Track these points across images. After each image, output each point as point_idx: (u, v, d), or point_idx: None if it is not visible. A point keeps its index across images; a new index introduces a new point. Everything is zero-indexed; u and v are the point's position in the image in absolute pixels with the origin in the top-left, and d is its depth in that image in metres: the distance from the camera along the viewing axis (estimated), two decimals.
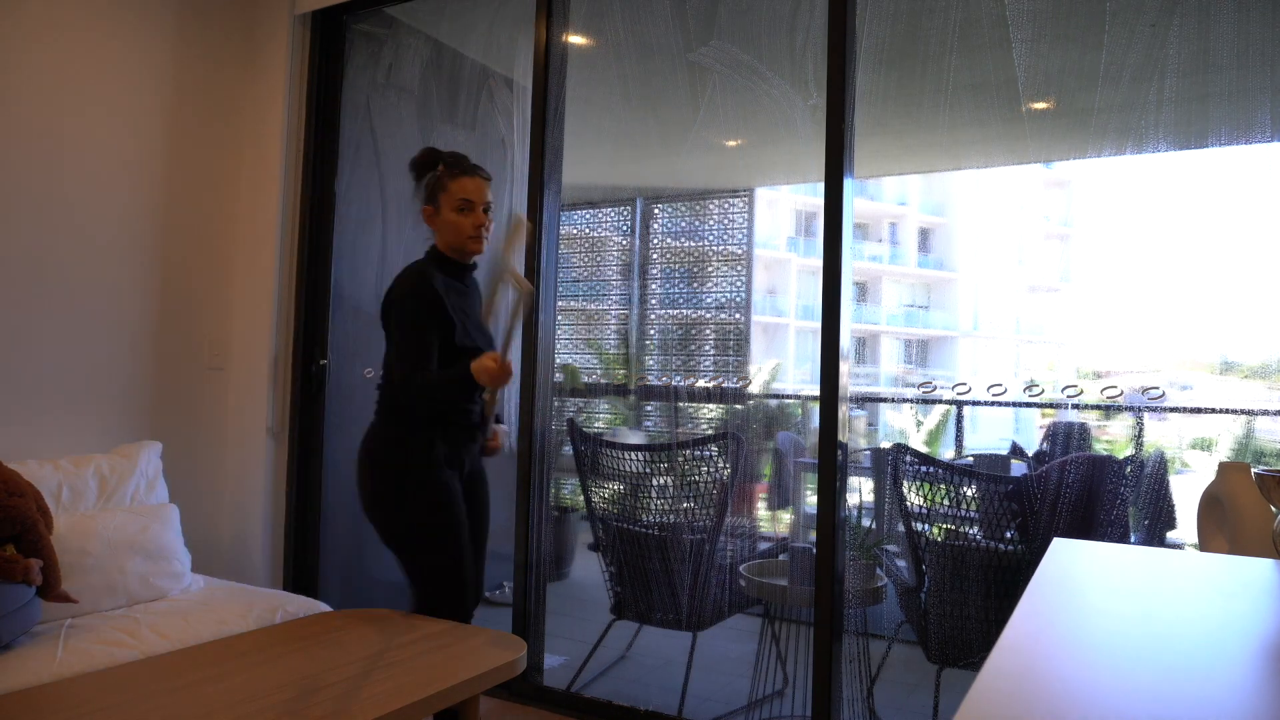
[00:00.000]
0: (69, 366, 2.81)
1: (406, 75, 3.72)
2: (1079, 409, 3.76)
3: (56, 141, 2.77)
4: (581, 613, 3.82)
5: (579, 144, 3.38)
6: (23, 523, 2.10)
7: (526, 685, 2.87)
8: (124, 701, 1.63)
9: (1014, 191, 17.67)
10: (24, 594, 2.04)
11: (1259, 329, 4.08)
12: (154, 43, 3.05)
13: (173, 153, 3.12)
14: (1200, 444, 3.82)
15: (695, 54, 3.56)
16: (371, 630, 2.09)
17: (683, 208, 4.91)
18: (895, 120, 4.19)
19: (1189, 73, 3.24)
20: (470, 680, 1.81)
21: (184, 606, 2.46)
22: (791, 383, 6.88)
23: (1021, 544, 2.55)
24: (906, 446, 2.76)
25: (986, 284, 17.96)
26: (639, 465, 3.08)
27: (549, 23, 2.92)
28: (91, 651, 2.08)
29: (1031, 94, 3.61)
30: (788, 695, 2.98)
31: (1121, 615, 0.99)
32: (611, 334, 5.08)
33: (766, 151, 4.75)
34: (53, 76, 2.76)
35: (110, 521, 2.50)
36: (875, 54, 2.92)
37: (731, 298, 4.66)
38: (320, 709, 1.59)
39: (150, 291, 3.06)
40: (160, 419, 3.08)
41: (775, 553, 3.19)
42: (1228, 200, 4.53)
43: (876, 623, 3.09)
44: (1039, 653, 0.85)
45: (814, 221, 16.38)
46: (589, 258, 5.07)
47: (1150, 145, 3.14)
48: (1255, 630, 0.93)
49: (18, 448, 2.62)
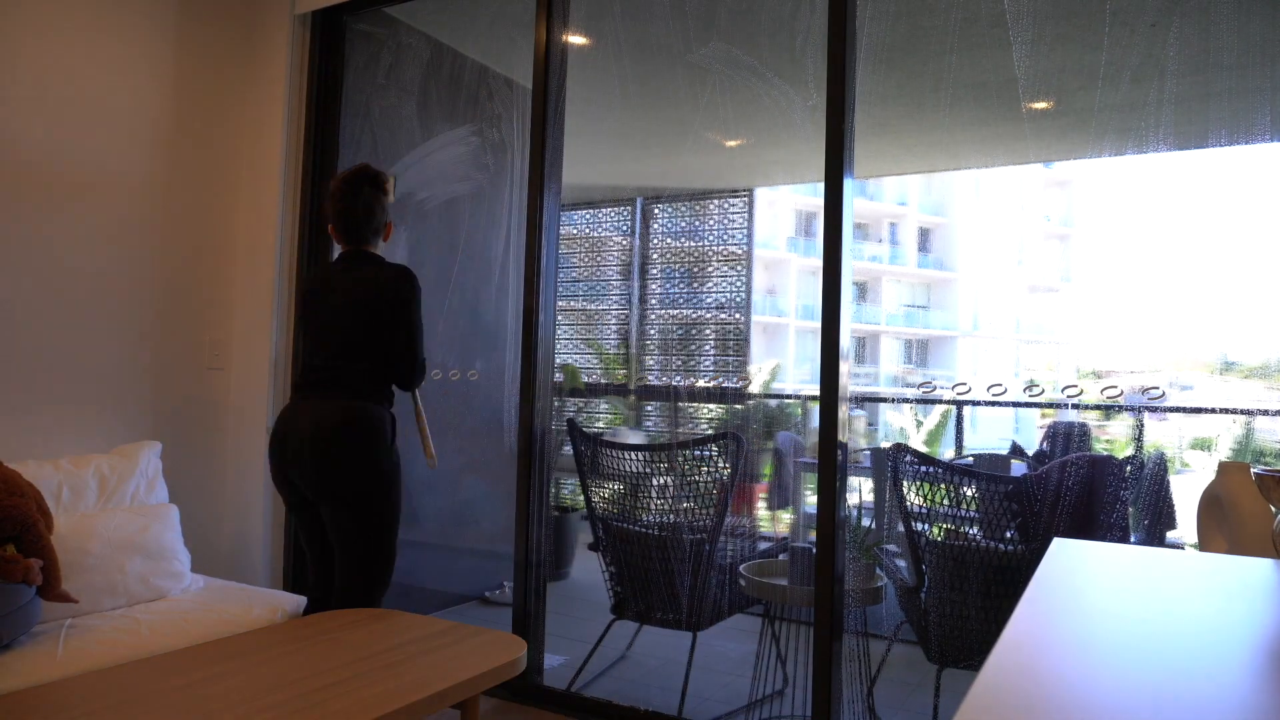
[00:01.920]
0: (69, 366, 2.81)
1: (406, 75, 3.72)
2: (1079, 409, 3.76)
3: (56, 142, 2.77)
4: (581, 613, 3.82)
5: (579, 144, 3.38)
6: (23, 523, 2.10)
7: (526, 685, 2.87)
8: (124, 701, 1.63)
9: (1014, 191, 17.66)
10: (24, 594, 2.05)
11: (1259, 329, 4.08)
12: (154, 43, 3.05)
13: (173, 152, 3.13)
14: (1200, 444, 3.82)
15: (695, 54, 3.56)
16: (371, 630, 2.09)
17: (683, 207, 4.91)
18: (895, 120, 4.19)
19: (1189, 73, 3.24)
20: (470, 680, 1.81)
21: (184, 606, 2.46)
22: (791, 383, 6.88)
23: (1021, 544, 2.55)
24: (906, 446, 2.76)
25: (986, 284, 17.95)
26: (639, 465, 3.08)
27: (549, 23, 2.92)
28: (91, 651, 2.08)
29: (1031, 94, 3.61)
30: (788, 695, 2.98)
31: (1121, 615, 0.99)
32: (611, 334, 5.08)
33: (766, 151, 4.76)
34: (52, 77, 2.76)
35: (110, 521, 2.50)
36: (875, 54, 2.92)
37: (731, 298, 4.66)
38: (320, 709, 1.59)
39: (150, 291, 3.06)
40: (160, 419, 3.09)
41: (775, 553, 3.19)
42: (1228, 200, 4.54)
43: (876, 623, 3.10)
44: (1039, 653, 0.85)
45: (814, 221, 16.38)
46: (589, 258, 5.07)
47: (1150, 145, 3.14)
48: (1255, 630, 0.93)
49: (18, 448, 2.63)
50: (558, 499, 4.54)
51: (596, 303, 5.08)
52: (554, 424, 3.03)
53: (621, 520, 3.09)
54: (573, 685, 2.96)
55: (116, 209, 2.95)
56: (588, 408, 5.03)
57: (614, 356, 5.08)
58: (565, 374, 4.84)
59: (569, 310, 5.16)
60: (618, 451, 3.14)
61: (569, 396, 4.85)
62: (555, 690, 2.87)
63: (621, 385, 5.05)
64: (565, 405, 4.82)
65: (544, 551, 2.93)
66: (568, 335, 5.11)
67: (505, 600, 3.85)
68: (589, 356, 5.14)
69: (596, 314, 5.09)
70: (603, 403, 5.11)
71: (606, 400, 5.11)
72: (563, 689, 2.90)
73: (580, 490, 3.20)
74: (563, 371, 4.81)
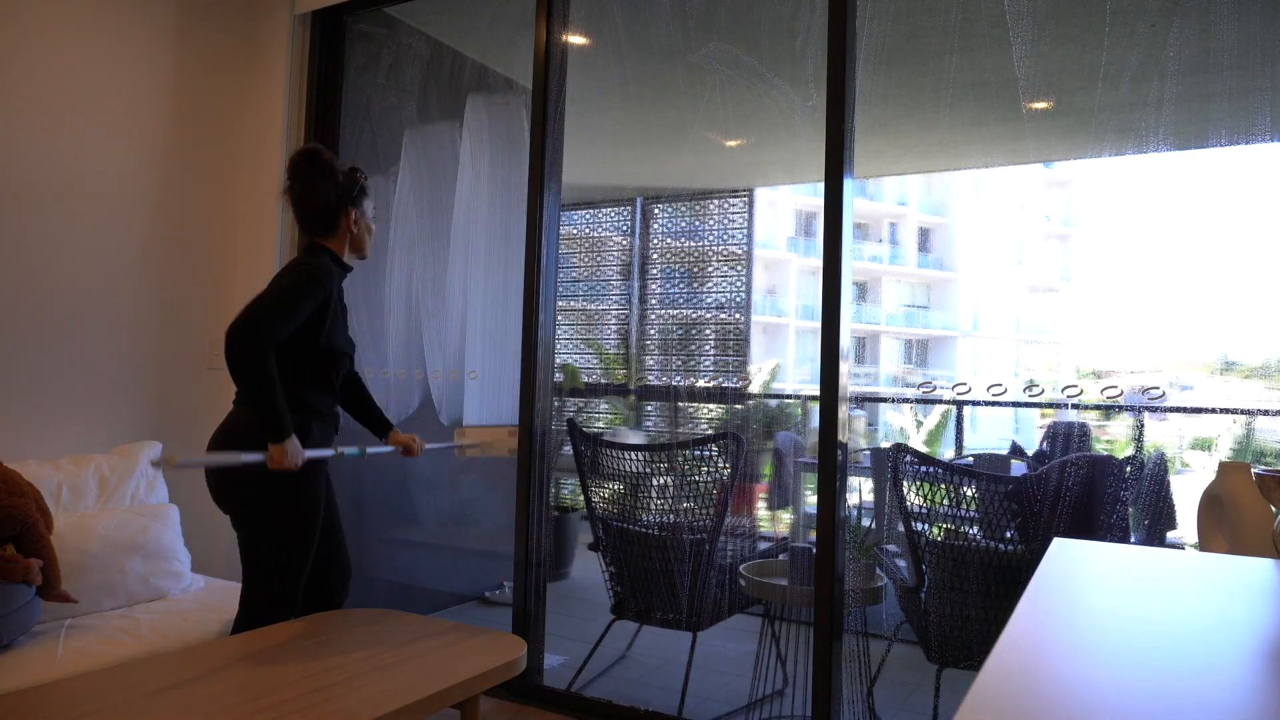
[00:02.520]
0: (69, 366, 2.81)
1: (406, 75, 3.72)
2: (1079, 409, 3.76)
3: (56, 142, 2.77)
4: (581, 613, 3.82)
5: (579, 144, 3.38)
6: (23, 523, 2.10)
7: (526, 685, 2.87)
8: (124, 701, 1.63)
9: (1014, 191, 17.67)
10: (24, 594, 2.05)
11: (1259, 329, 4.08)
12: (154, 43, 3.05)
13: (173, 152, 3.12)
14: (1200, 444, 3.82)
15: (695, 54, 3.56)
16: (371, 630, 2.09)
17: (683, 207, 4.91)
18: (895, 120, 4.19)
19: (1189, 73, 3.24)
20: (470, 680, 1.81)
21: (184, 606, 2.46)
22: (791, 383, 6.89)
23: (1021, 544, 2.55)
24: (906, 446, 2.76)
25: (986, 284, 17.96)
26: (639, 465, 3.08)
27: (549, 23, 2.92)
28: (91, 651, 2.08)
29: (1031, 94, 3.62)
30: (788, 695, 2.98)
31: (1121, 615, 0.99)
32: (611, 334, 5.08)
33: (766, 151, 4.76)
34: (52, 78, 2.76)
35: (110, 521, 2.50)
36: (875, 54, 2.92)
37: (731, 298, 4.66)
38: (320, 709, 1.59)
39: (150, 292, 3.06)
40: (160, 419, 3.08)
41: (775, 553, 3.19)
42: (1228, 200, 4.54)
43: (876, 623, 3.09)
44: (1039, 653, 0.85)
45: (814, 221, 16.39)
46: (589, 258, 5.07)
47: (1150, 145, 3.14)
48: (1255, 630, 0.93)
49: (18, 448, 2.63)
50: (558, 499, 4.54)
51: (596, 303, 5.08)
52: (554, 424, 3.03)
53: (621, 520, 3.09)
54: (573, 685, 2.96)
55: (116, 209, 2.95)
56: (588, 408, 5.03)
57: (614, 356, 5.08)
58: (565, 374, 4.84)
59: (569, 310, 5.16)
60: (618, 451, 3.14)
61: (569, 396, 4.85)
62: (555, 690, 2.87)
63: (621, 385, 5.05)
64: (565, 405, 4.82)
65: (544, 551, 2.93)
66: (568, 335, 5.11)
67: (505, 600, 3.85)
68: (589, 356, 5.14)
69: (596, 314, 5.09)
70: (603, 403, 5.11)
71: (606, 400, 5.11)
72: (563, 689, 2.90)
73: (580, 490, 3.20)
74: (563, 371, 4.82)
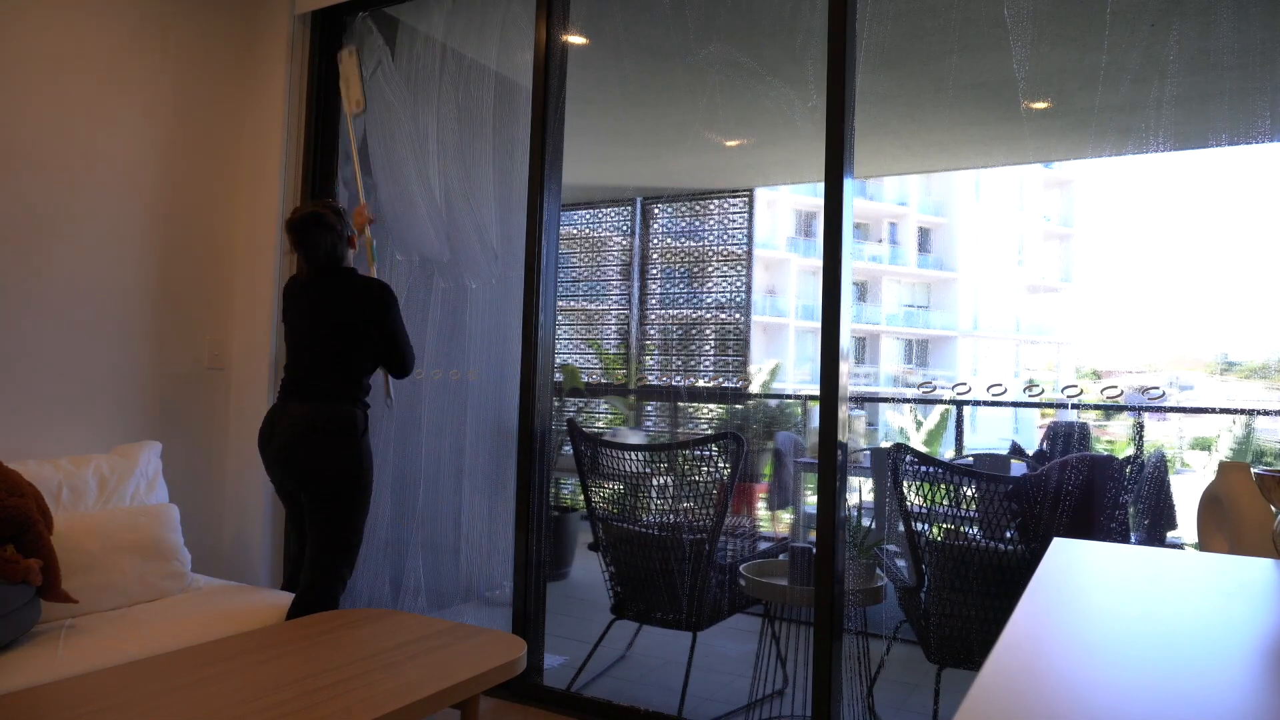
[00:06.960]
0: (69, 366, 2.81)
1: (407, 75, 3.72)
2: (1079, 409, 3.76)
3: (56, 142, 2.77)
4: (581, 613, 3.82)
5: (579, 144, 3.38)
6: (23, 523, 2.10)
7: (526, 685, 2.87)
8: (124, 701, 1.63)
9: (1014, 191, 17.68)
10: (24, 594, 2.05)
11: (1259, 329, 4.08)
12: (153, 43, 3.05)
13: (173, 152, 3.13)
14: (1200, 444, 3.82)
15: (695, 55, 3.56)
16: (371, 630, 2.09)
17: (683, 208, 4.91)
18: (895, 120, 4.19)
19: (1189, 73, 3.24)
20: (470, 680, 1.81)
21: (184, 606, 2.46)
22: (791, 383, 6.89)
23: (1021, 544, 2.55)
24: (906, 446, 2.76)
25: (986, 284, 17.96)
26: (639, 465, 3.08)
27: (549, 23, 2.92)
28: (91, 651, 2.08)
29: (1031, 94, 3.62)
30: (788, 695, 2.98)
31: (1121, 615, 0.99)
32: (611, 334, 5.08)
33: (766, 151, 4.76)
34: (51, 78, 2.76)
35: (110, 521, 2.50)
36: (875, 54, 2.92)
37: (731, 298, 4.67)
38: (320, 709, 1.59)
39: (150, 292, 3.06)
40: (160, 419, 3.09)
41: (775, 553, 3.19)
42: (1228, 200, 4.54)
43: (876, 623, 3.09)
44: (1039, 653, 0.85)
45: (814, 221, 16.39)
46: (589, 258, 5.08)
47: (1150, 145, 3.14)
48: (1255, 630, 0.93)
49: (18, 448, 2.63)
50: (558, 499, 4.54)
51: (596, 303, 5.08)
52: (554, 424, 3.03)
53: (621, 520, 3.09)
54: (573, 685, 2.96)
55: (117, 209, 2.95)
56: (588, 408, 5.04)
57: (614, 356, 5.08)
58: (565, 374, 4.84)
59: (569, 310, 5.16)
60: (618, 451, 3.14)
61: (569, 396, 4.86)
62: (555, 690, 2.87)
63: (621, 385, 5.05)
64: (565, 405, 4.82)
65: (544, 551, 2.93)
66: (568, 335, 5.12)
67: (505, 600, 3.85)
68: (589, 356, 5.15)
69: (596, 314, 5.10)
70: (603, 403, 5.11)
71: (606, 400, 5.11)
72: (563, 689, 2.90)
73: (580, 490, 3.20)
74: (563, 371, 4.82)
